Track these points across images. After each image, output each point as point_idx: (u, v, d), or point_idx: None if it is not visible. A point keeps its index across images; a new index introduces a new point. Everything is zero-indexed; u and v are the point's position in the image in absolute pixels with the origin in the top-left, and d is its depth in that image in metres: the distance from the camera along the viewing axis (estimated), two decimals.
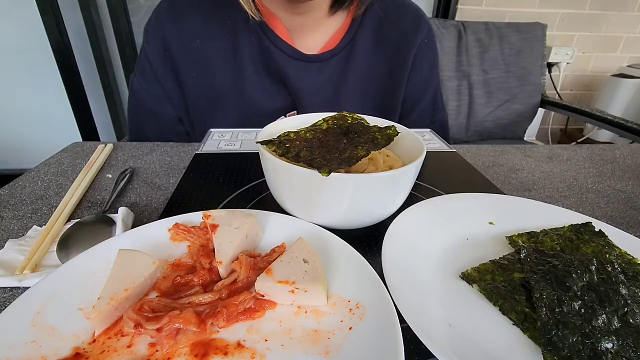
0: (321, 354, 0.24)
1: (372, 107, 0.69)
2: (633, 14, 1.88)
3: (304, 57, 0.62)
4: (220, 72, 0.63)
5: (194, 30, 0.62)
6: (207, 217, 0.33)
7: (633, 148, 0.74)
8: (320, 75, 0.64)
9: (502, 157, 0.66)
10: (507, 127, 1.61)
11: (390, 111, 0.70)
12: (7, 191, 0.48)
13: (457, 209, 0.40)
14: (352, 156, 0.34)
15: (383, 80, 0.68)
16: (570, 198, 0.53)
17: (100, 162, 0.55)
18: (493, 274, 0.31)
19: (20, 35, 1.58)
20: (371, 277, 0.28)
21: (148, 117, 0.70)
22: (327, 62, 0.64)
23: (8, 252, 0.35)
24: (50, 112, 1.74)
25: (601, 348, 0.24)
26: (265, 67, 0.63)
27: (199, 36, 0.62)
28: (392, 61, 0.67)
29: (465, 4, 1.77)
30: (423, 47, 0.68)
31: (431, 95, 0.73)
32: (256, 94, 0.64)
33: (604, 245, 0.35)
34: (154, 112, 0.69)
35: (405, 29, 0.66)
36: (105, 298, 0.25)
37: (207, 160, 0.54)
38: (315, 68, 0.64)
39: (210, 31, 0.62)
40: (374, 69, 0.67)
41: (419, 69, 0.68)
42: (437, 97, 0.75)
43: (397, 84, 0.68)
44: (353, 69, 0.65)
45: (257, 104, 0.65)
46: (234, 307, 0.26)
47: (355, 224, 0.38)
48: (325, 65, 0.64)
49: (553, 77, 1.92)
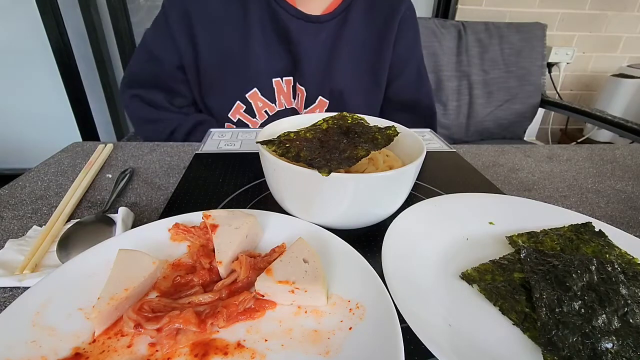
0: (321, 354, 0.24)
1: (362, 70, 0.77)
2: (633, 14, 1.88)
3: (305, 17, 0.70)
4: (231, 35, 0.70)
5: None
6: (207, 217, 0.33)
7: (633, 148, 0.74)
8: (318, 36, 0.72)
9: (502, 157, 0.66)
10: (507, 127, 1.61)
11: (378, 75, 0.78)
12: (7, 191, 0.48)
13: (457, 209, 0.40)
14: (352, 156, 0.34)
15: (372, 45, 0.76)
16: (570, 198, 0.53)
17: (100, 162, 0.55)
18: (493, 274, 0.31)
19: (20, 35, 1.58)
20: (371, 277, 0.28)
21: (149, 60, 0.74)
22: (325, 24, 0.72)
23: (8, 252, 0.35)
24: (50, 112, 1.74)
25: (601, 348, 0.24)
26: (271, 28, 0.71)
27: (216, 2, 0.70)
28: (380, 28, 0.76)
29: (465, 4, 1.77)
30: (406, 17, 0.77)
31: (415, 65, 0.82)
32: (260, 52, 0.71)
33: (604, 245, 0.35)
34: (157, 57, 0.73)
35: (392, 2, 0.76)
36: (105, 298, 0.25)
37: (207, 160, 0.54)
38: (314, 28, 0.72)
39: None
40: (364, 34, 0.75)
41: (404, 35, 0.77)
42: (421, 68, 0.83)
43: (385, 49, 0.76)
44: (347, 33, 0.73)
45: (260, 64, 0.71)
46: (234, 307, 0.26)
47: (355, 224, 0.38)
48: (323, 27, 0.72)
49: (553, 77, 1.92)
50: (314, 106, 0.76)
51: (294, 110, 0.78)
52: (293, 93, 0.76)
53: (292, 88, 0.75)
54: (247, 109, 0.75)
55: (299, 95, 0.76)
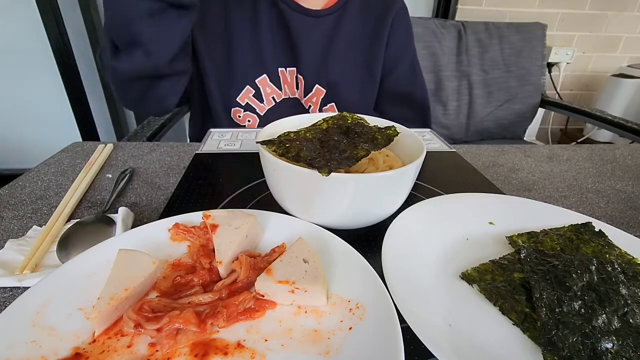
0: (321, 354, 0.24)
1: (357, 62, 0.81)
2: (633, 14, 1.88)
3: (305, 11, 0.75)
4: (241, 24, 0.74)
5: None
6: (207, 217, 0.33)
7: (633, 148, 0.74)
8: (317, 29, 0.77)
9: (502, 157, 0.66)
10: (507, 127, 1.61)
11: (372, 68, 0.82)
12: (7, 191, 0.48)
13: (457, 209, 0.40)
14: (352, 156, 0.34)
15: (366, 40, 0.80)
16: (570, 198, 0.53)
17: (100, 162, 0.55)
18: (493, 274, 0.31)
19: (20, 35, 1.58)
20: (371, 277, 0.28)
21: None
22: (324, 18, 0.77)
23: (8, 252, 0.35)
24: (50, 112, 1.74)
25: (601, 348, 0.24)
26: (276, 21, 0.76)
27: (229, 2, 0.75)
28: (374, 25, 0.80)
29: (465, 4, 1.77)
30: (399, 15, 0.82)
31: (408, 61, 0.86)
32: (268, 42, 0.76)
33: (604, 245, 0.35)
34: None
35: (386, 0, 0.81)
36: (105, 298, 0.25)
37: (207, 160, 0.54)
38: (314, 22, 0.76)
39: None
40: (359, 29, 0.80)
41: (396, 33, 0.82)
42: (415, 64, 0.87)
43: (378, 44, 0.81)
44: (343, 28, 0.78)
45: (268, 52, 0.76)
46: (234, 307, 0.26)
47: (355, 224, 0.38)
48: (322, 21, 0.77)
49: (553, 77, 1.92)
50: (311, 94, 0.79)
51: (296, 100, 0.81)
52: (296, 84, 0.79)
53: (295, 79, 0.79)
54: (255, 93, 0.77)
55: (300, 85, 0.79)
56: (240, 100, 0.77)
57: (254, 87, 0.77)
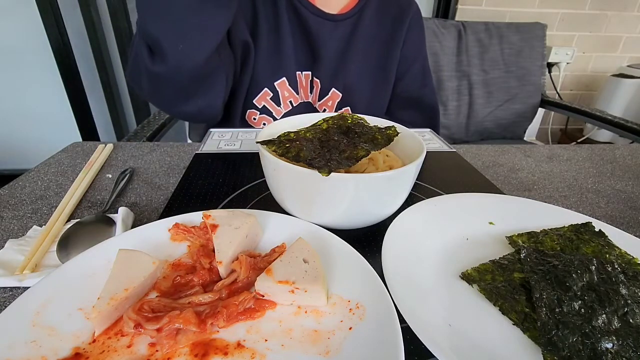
0: (321, 354, 0.24)
1: (373, 66, 0.82)
2: (633, 14, 1.88)
3: (323, 15, 0.76)
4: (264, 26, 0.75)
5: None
6: (207, 217, 0.33)
7: (633, 148, 0.74)
8: (335, 32, 0.78)
9: (502, 157, 0.66)
10: (507, 127, 1.61)
11: (387, 71, 0.83)
12: (7, 191, 0.48)
13: (457, 209, 0.40)
14: (352, 156, 0.35)
15: (383, 43, 0.82)
16: (570, 198, 0.53)
17: (100, 162, 0.55)
18: (493, 274, 0.31)
19: (20, 35, 1.58)
20: (371, 277, 0.28)
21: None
22: (342, 22, 0.78)
23: (8, 252, 0.35)
24: (50, 112, 1.74)
25: (601, 348, 0.24)
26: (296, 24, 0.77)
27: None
28: (390, 28, 0.82)
29: (465, 4, 1.77)
30: (414, 19, 0.84)
31: (420, 64, 0.88)
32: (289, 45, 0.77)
33: (604, 245, 0.35)
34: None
35: (401, 4, 0.83)
36: (105, 298, 0.25)
37: (207, 160, 0.54)
38: (332, 25, 0.77)
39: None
40: (376, 33, 0.81)
41: (411, 36, 0.84)
42: (426, 67, 0.89)
43: (394, 48, 0.82)
44: (360, 31, 0.79)
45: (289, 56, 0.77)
46: (234, 307, 0.26)
47: (355, 224, 0.38)
48: (339, 25, 0.78)
49: (553, 77, 1.92)
50: (327, 98, 0.79)
51: (310, 104, 0.81)
52: (310, 87, 0.80)
53: (310, 82, 0.79)
54: (273, 96, 0.77)
55: (314, 89, 0.79)
56: (257, 102, 0.76)
57: (272, 90, 0.76)
